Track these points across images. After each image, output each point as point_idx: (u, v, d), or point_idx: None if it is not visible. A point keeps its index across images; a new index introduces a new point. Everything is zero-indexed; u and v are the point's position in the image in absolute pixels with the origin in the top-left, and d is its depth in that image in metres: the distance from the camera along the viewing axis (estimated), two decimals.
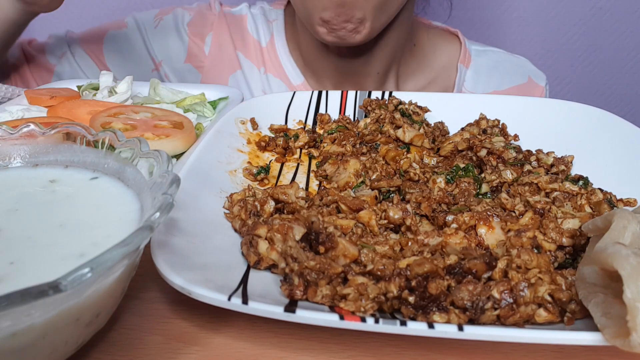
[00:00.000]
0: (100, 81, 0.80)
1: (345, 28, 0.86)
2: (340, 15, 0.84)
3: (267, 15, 1.10)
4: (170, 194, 0.35)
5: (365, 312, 0.36)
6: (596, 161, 0.59)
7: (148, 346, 0.37)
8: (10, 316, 0.26)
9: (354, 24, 0.85)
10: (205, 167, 0.54)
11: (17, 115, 0.69)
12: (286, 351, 0.37)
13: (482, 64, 1.09)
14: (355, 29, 0.86)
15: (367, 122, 0.68)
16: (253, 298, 0.35)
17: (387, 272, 0.38)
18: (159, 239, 0.40)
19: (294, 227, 0.42)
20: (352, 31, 0.86)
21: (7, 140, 0.46)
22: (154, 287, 0.43)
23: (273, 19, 1.09)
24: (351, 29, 0.86)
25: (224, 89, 0.81)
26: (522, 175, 0.54)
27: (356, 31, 0.86)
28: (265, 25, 1.09)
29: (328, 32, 0.87)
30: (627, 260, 0.31)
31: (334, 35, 0.87)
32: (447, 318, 0.35)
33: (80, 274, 0.27)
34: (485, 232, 0.45)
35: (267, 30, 1.08)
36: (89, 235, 0.37)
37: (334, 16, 0.85)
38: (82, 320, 0.32)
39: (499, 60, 1.10)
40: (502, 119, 0.67)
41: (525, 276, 0.38)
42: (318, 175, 0.61)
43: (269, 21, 1.09)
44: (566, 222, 0.45)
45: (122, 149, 0.44)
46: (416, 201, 0.50)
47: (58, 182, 0.44)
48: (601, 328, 0.32)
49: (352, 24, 0.85)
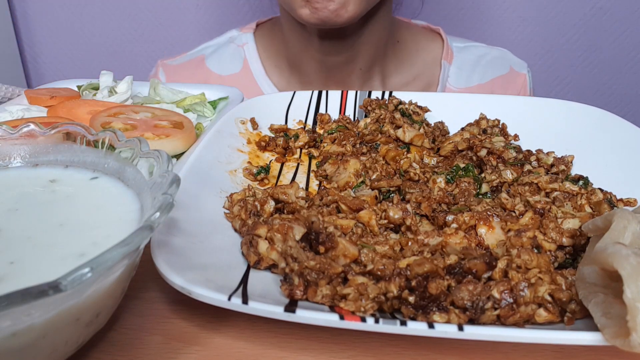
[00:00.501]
0: (100, 81, 0.80)
1: (328, 8, 0.86)
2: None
3: (236, 41, 1.12)
4: (170, 193, 0.35)
5: (365, 312, 0.36)
6: (596, 161, 0.59)
7: (148, 346, 0.37)
8: (10, 316, 0.26)
9: (337, 4, 0.85)
10: (205, 167, 0.54)
11: (17, 115, 0.69)
12: (286, 351, 0.37)
13: (465, 60, 1.11)
14: (337, 10, 0.86)
15: (367, 122, 0.68)
16: (253, 298, 0.35)
17: (387, 272, 0.38)
18: (159, 238, 0.40)
19: (294, 227, 0.42)
20: (334, 12, 0.86)
21: (7, 140, 0.46)
22: (154, 287, 0.43)
23: (244, 43, 1.11)
24: (334, 9, 0.86)
25: (224, 89, 0.81)
26: (522, 175, 0.54)
27: (337, 14, 0.87)
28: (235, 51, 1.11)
29: (311, 13, 0.87)
30: (627, 260, 0.31)
31: (317, 16, 0.87)
32: (447, 318, 0.35)
33: (80, 274, 0.27)
34: (485, 232, 0.45)
35: (238, 56, 1.10)
36: (89, 235, 0.37)
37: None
38: (82, 320, 0.32)
39: (481, 54, 1.12)
40: (502, 119, 0.67)
41: (526, 276, 0.38)
42: (318, 175, 0.61)
43: (239, 46, 1.11)
44: (566, 222, 0.45)
45: (122, 148, 0.44)
46: (416, 201, 0.50)
47: (58, 182, 0.44)
48: (601, 328, 0.32)
49: (334, 3, 0.85)
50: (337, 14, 0.87)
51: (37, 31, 1.53)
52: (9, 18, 1.46)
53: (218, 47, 1.13)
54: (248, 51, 1.10)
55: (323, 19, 0.88)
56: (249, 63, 1.10)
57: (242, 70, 1.09)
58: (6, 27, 1.45)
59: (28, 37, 1.53)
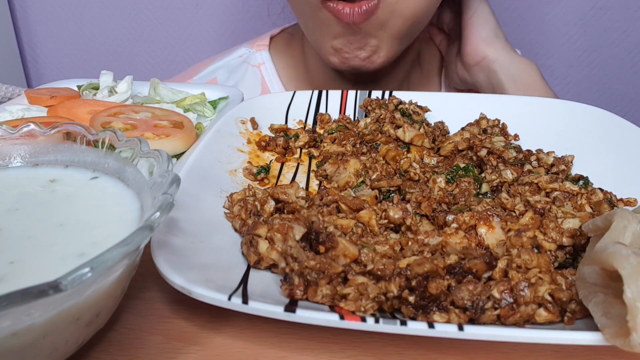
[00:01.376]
0: (100, 81, 0.80)
1: (359, 56, 0.81)
2: (352, 43, 0.79)
3: (249, 60, 1.02)
4: (171, 193, 0.35)
5: (365, 311, 0.36)
6: (596, 161, 0.59)
7: (148, 346, 0.37)
8: (10, 316, 0.26)
9: (367, 52, 0.80)
10: (205, 166, 0.54)
11: (17, 114, 0.69)
12: (286, 351, 0.37)
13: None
14: (368, 57, 0.81)
15: (367, 121, 0.67)
16: (253, 298, 0.35)
17: (387, 271, 0.38)
18: (159, 238, 0.40)
19: (294, 227, 0.42)
20: (365, 60, 0.81)
21: (7, 140, 0.46)
22: (154, 286, 0.43)
23: (259, 63, 1.02)
24: (364, 57, 0.81)
25: (224, 88, 0.81)
26: (522, 175, 0.54)
27: (370, 60, 0.81)
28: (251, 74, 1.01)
29: (340, 62, 0.83)
30: (628, 260, 0.31)
31: (347, 65, 0.83)
32: (447, 318, 0.35)
33: (80, 274, 0.27)
34: (485, 232, 0.45)
35: (254, 78, 1.00)
36: (89, 234, 0.37)
37: (346, 43, 0.80)
38: (82, 320, 0.32)
39: None
40: (503, 119, 0.67)
41: (526, 276, 0.38)
42: (318, 175, 0.61)
43: (254, 66, 1.01)
44: (566, 222, 0.45)
45: (122, 148, 0.44)
46: (416, 201, 0.50)
47: (58, 182, 0.44)
48: (601, 328, 0.32)
49: (365, 52, 0.80)
50: (370, 61, 0.82)
51: (37, 31, 1.53)
52: (9, 18, 1.46)
53: (231, 70, 1.02)
54: (266, 73, 1.00)
55: (354, 67, 0.83)
56: (268, 86, 1.00)
57: (262, 94, 0.99)
58: (6, 27, 1.45)
59: (28, 37, 1.53)
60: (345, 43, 0.80)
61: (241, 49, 1.05)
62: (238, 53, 1.04)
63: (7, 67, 1.47)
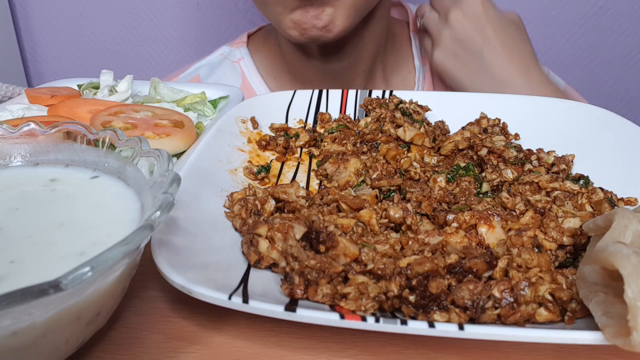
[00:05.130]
0: (100, 80, 0.80)
1: (316, 26, 0.84)
2: (309, 12, 0.83)
3: (229, 57, 1.08)
4: (171, 193, 0.35)
5: (365, 311, 0.36)
6: (597, 160, 0.59)
7: (148, 345, 0.37)
8: (11, 315, 0.26)
9: (324, 21, 0.84)
10: (205, 166, 0.54)
11: (18, 114, 0.69)
12: (286, 350, 0.37)
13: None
14: (325, 27, 0.84)
15: (368, 121, 0.67)
16: (253, 297, 0.35)
17: (388, 271, 0.38)
18: (159, 238, 0.40)
19: (294, 226, 0.42)
20: (322, 29, 0.85)
21: (8, 139, 0.46)
22: (154, 286, 0.43)
23: (239, 58, 1.08)
24: (321, 26, 0.84)
25: (224, 88, 0.81)
26: (522, 175, 0.54)
27: (327, 29, 0.85)
28: (231, 68, 1.07)
29: (300, 34, 0.86)
30: (628, 259, 0.31)
31: (307, 36, 0.86)
32: (448, 317, 0.35)
33: (80, 273, 0.27)
34: (485, 231, 0.45)
35: (235, 73, 1.06)
36: (90, 234, 0.37)
37: (304, 13, 0.83)
38: (82, 319, 0.32)
39: None
40: (503, 118, 0.67)
41: (526, 275, 0.38)
42: (318, 175, 0.61)
43: (234, 62, 1.07)
44: (567, 221, 0.45)
45: (122, 147, 0.44)
46: (417, 200, 0.50)
47: (58, 181, 0.44)
48: (602, 327, 0.32)
49: (322, 21, 0.84)
50: (327, 30, 0.85)
51: (38, 30, 1.53)
52: (9, 18, 1.46)
53: (213, 67, 1.09)
54: (245, 66, 1.07)
55: (313, 37, 0.86)
56: (248, 79, 1.06)
57: (242, 87, 1.06)
58: (6, 27, 1.45)
59: (28, 36, 1.53)
60: (303, 13, 0.84)
61: (222, 48, 1.11)
62: (219, 52, 1.11)
63: (8, 66, 1.47)
